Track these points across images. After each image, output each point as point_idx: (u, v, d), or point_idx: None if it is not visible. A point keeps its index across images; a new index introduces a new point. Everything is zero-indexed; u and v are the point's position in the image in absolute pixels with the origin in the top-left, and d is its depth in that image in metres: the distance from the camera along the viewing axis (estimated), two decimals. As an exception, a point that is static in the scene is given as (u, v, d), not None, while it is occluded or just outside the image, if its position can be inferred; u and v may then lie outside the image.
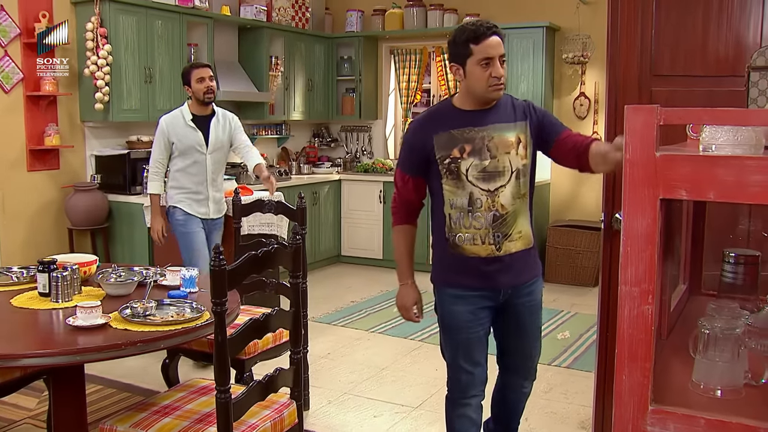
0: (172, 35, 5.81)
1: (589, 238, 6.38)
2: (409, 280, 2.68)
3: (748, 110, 1.16)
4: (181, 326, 2.56)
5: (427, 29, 7.36)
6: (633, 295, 1.17)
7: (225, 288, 2.23)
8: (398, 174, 2.66)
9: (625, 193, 1.15)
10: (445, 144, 2.51)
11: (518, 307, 2.65)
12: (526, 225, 2.57)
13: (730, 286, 1.96)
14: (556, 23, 6.77)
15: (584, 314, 5.57)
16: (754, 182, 1.10)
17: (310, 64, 7.50)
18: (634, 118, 1.13)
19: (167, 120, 4.38)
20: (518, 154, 2.50)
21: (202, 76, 4.32)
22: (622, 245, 1.18)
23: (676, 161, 1.13)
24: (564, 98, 6.93)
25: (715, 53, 2.74)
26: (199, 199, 4.39)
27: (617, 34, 2.78)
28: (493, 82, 2.44)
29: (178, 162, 4.38)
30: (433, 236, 2.67)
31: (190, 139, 4.34)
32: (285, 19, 7.16)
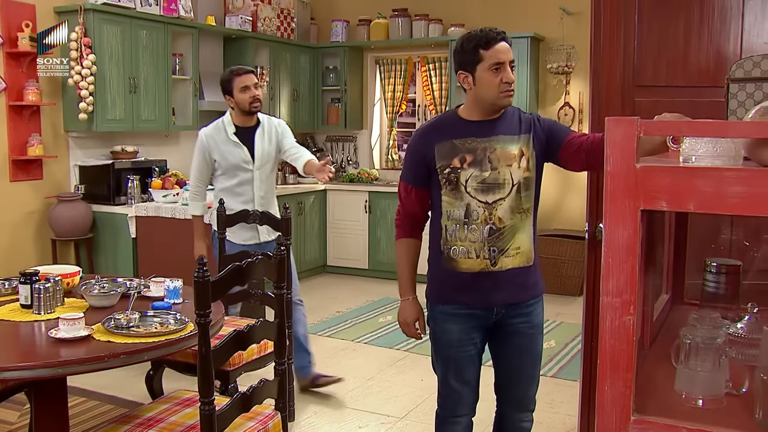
0: (156, 45, 5.80)
1: (574, 248, 6.41)
2: (411, 296, 2.61)
3: (726, 122, 1.18)
4: (164, 338, 2.54)
5: (412, 39, 7.39)
6: (614, 305, 1.18)
7: (209, 299, 2.22)
8: (401, 186, 2.61)
9: (606, 204, 1.16)
10: (446, 153, 2.46)
11: (513, 329, 2.55)
12: (526, 241, 2.49)
13: (712, 296, 1.97)
14: (540, 33, 6.82)
15: (569, 323, 5.59)
16: (732, 193, 1.11)
17: (295, 74, 7.50)
18: (614, 130, 1.14)
19: (207, 134, 3.94)
20: (520, 167, 2.44)
21: (246, 84, 3.85)
22: (603, 256, 1.18)
23: (656, 172, 1.14)
24: (549, 108, 6.98)
25: (696, 64, 2.77)
26: (245, 221, 3.90)
27: (600, 46, 2.81)
28: (504, 87, 2.39)
29: (222, 181, 3.94)
30: (429, 250, 2.60)
31: (235, 156, 3.90)
32: (270, 29, 7.17)
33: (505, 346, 2.60)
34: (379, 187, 7.24)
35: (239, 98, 3.85)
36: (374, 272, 7.16)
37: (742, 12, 2.68)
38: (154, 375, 3.56)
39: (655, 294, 1.93)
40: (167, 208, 5.19)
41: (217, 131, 3.93)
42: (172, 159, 6.28)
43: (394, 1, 7.52)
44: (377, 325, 5.54)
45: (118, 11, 5.48)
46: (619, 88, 2.72)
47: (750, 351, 1.66)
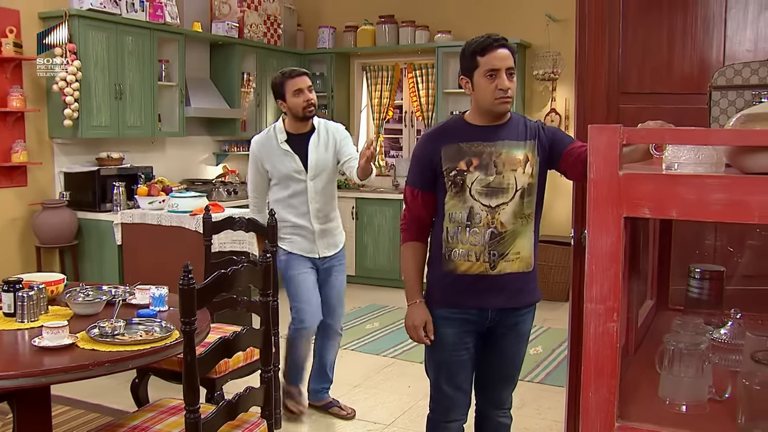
0: (142, 51, 5.78)
1: (561, 253, 6.44)
2: (418, 299, 2.60)
3: (708, 130, 1.19)
4: (149, 346, 2.53)
5: (399, 46, 7.41)
6: (598, 312, 1.18)
7: (194, 307, 2.21)
8: (407, 190, 2.61)
9: (590, 211, 1.17)
10: (452, 156, 2.48)
11: (502, 336, 2.59)
12: (526, 247, 2.51)
13: (696, 302, 1.99)
14: (526, 40, 6.86)
15: (556, 329, 5.61)
16: (714, 200, 1.13)
17: (282, 81, 7.49)
18: (597, 138, 1.15)
19: (258, 142, 3.75)
20: (525, 173, 2.47)
21: (300, 87, 3.61)
22: (587, 263, 1.19)
23: (639, 180, 1.15)
24: (535, 114, 7.01)
25: (680, 71, 2.79)
26: (303, 235, 3.72)
27: (585, 53, 2.82)
28: (499, 94, 2.42)
29: (276, 191, 3.75)
30: (430, 252, 2.62)
31: (286, 166, 3.67)
32: (257, 35, 7.17)
33: (491, 351, 2.63)
34: (366, 193, 7.24)
35: (292, 102, 3.62)
36: (361, 279, 7.15)
37: (724, 20, 2.71)
38: (139, 383, 3.54)
39: (640, 300, 1.94)
40: (153, 215, 5.17)
41: (267, 140, 3.71)
42: (158, 165, 6.25)
43: (381, 8, 7.54)
44: (364, 331, 5.53)
45: (104, 17, 5.46)
46: (604, 95, 2.74)
47: (733, 357, 1.67)
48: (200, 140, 6.95)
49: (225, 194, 6.44)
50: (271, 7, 7.39)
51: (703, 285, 1.98)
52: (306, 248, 3.70)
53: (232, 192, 6.55)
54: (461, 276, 2.49)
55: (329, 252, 3.76)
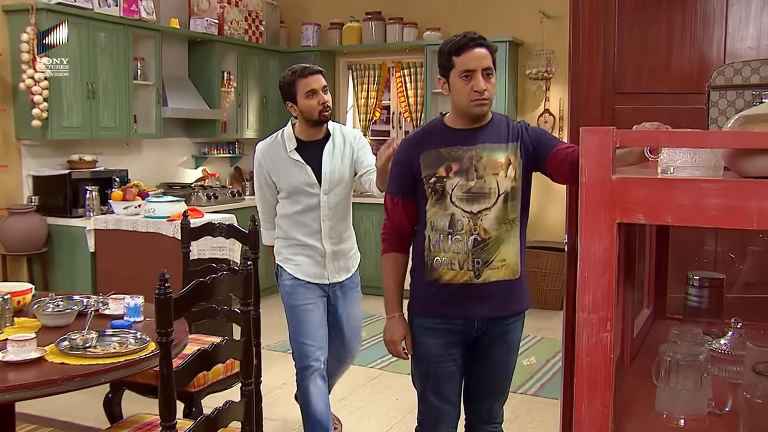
0: (117, 48, 5.75)
1: (555, 260, 6.46)
2: (397, 313, 2.62)
3: (705, 132, 1.20)
4: (124, 358, 2.52)
5: (386, 44, 7.42)
6: (591, 322, 1.19)
7: (171, 317, 2.21)
8: (387, 198, 2.62)
9: (582, 217, 1.18)
10: (432, 162, 2.49)
11: (490, 345, 2.59)
12: (512, 254, 2.51)
13: (695, 310, 2.00)
14: (519, 38, 6.89)
15: (551, 339, 5.62)
16: (711, 205, 1.13)
17: (264, 80, 7.49)
18: (589, 140, 1.15)
19: (264, 151, 3.41)
20: (507, 176, 2.47)
21: (314, 87, 3.27)
22: (579, 271, 1.19)
23: (632, 184, 1.15)
24: (528, 115, 7.04)
25: (679, 70, 2.81)
26: (312, 256, 3.39)
27: (579, 51, 2.83)
28: (474, 96, 2.42)
29: (285, 206, 3.41)
30: (412, 261, 2.63)
31: (297, 178, 3.33)
32: (237, 32, 7.16)
33: (478, 362, 2.64)
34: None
35: (305, 105, 3.26)
36: (347, 287, 7.15)
37: (725, 16, 2.72)
38: (112, 398, 3.52)
39: (636, 309, 1.95)
40: (128, 221, 5.14)
41: (274, 148, 3.38)
42: (133, 169, 6.22)
43: (368, 5, 7.55)
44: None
45: (74, 11, 5.40)
46: (599, 96, 2.75)
47: (733, 368, 1.68)
48: (178, 142, 6.93)
49: (204, 199, 6.43)
50: (252, 2, 7.39)
51: (702, 293, 1.99)
52: (314, 273, 3.38)
53: (212, 196, 6.53)
54: (445, 285, 2.50)
55: (341, 277, 3.44)
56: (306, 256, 3.38)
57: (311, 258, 3.38)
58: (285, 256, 3.41)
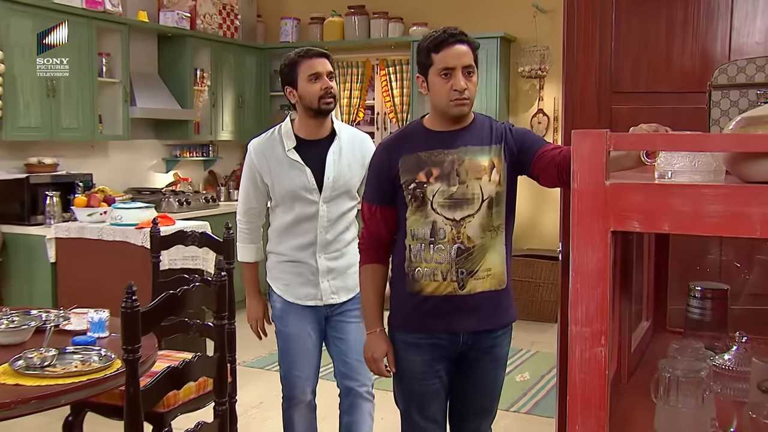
0: (79, 43, 5.71)
1: (550, 269, 6.48)
2: (378, 328, 2.61)
3: (704, 135, 1.21)
4: (86, 378, 2.50)
5: (370, 40, 7.44)
6: (584, 336, 1.19)
7: (138, 332, 2.20)
8: (365, 206, 2.63)
9: (574, 225, 1.18)
10: (411, 167, 2.49)
11: (476, 361, 2.60)
12: (498, 263, 2.52)
13: (697, 323, 2.01)
14: (511, 33, 6.93)
15: (545, 353, 5.64)
16: (711, 212, 1.14)
17: (240, 78, 7.49)
18: (581, 144, 1.16)
19: (257, 148, 3.18)
20: (491, 181, 2.48)
21: (318, 71, 3.04)
22: (570, 282, 1.20)
23: (627, 190, 1.16)
24: (521, 115, 7.07)
25: (680, 67, 2.82)
26: (302, 274, 3.17)
27: (574, 47, 2.85)
28: (453, 95, 2.42)
29: (277, 215, 3.20)
30: (392, 272, 2.63)
31: (294, 181, 3.10)
32: (211, 27, 7.15)
33: (463, 378, 2.63)
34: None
35: (306, 90, 3.04)
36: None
37: (730, 9, 2.72)
38: (74, 421, 3.49)
39: (634, 321, 1.96)
40: (93, 229, 5.11)
41: (270, 145, 3.15)
42: (98, 173, 6.19)
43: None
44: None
45: (30, 1, 5.33)
46: (595, 95, 2.77)
47: (738, 385, 1.68)
48: (147, 144, 6.90)
49: (176, 205, 6.41)
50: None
51: (704, 305, 1.99)
52: (306, 294, 3.16)
53: (184, 202, 6.51)
54: (427, 298, 2.50)
55: (339, 297, 3.17)
56: (295, 274, 3.17)
57: (301, 276, 3.15)
58: (274, 274, 3.24)
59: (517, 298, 6.42)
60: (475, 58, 2.48)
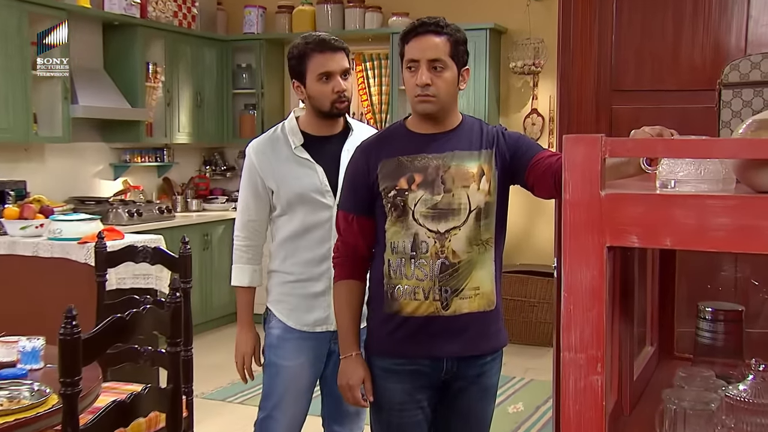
0: (5, 31, 5.62)
1: (545, 287, 6.51)
2: (354, 352, 2.59)
3: (711, 140, 1.21)
4: (13, 417, 2.45)
5: (344, 31, 7.45)
6: (578, 363, 1.20)
7: (79, 363, 2.18)
8: (339, 216, 2.63)
9: (565, 239, 1.19)
10: (391, 173, 2.50)
11: (462, 390, 2.60)
12: (486, 281, 2.53)
13: (708, 349, 2.01)
14: (502, 24, 6.97)
15: (541, 381, 5.65)
16: (718, 226, 1.15)
17: (198, 74, 7.47)
18: (573, 150, 1.17)
19: (259, 149, 3.07)
20: (480, 190, 2.48)
21: (330, 69, 2.95)
22: (563, 303, 1.21)
23: (625, 201, 1.17)
24: (512, 116, 7.11)
25: (689, 62, 2.84)
26: (312, 295, 3.03)
27: (569, 40, 2.88)
28: (417, 91, 2.45)
29: (283, 226, 3.08)
30: (370, 290, 2.63)
31: (303, 182, 3.00)
32: (165, 15, 7.13)
33: (448, 409, 2.63)
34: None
35: (316, 90, 2.96)
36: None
37: (748, -5, 2.75)
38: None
39: (637, 346, 1.97)
40: (27, 244, 5.06)
41: (273, 144, 3.06)
42: (33, 180, 6.13)
43: (322, -17, 7.60)
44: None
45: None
46: (593, 94, 2.79)
47: (755, 419, 1.68)
48: (92, 148, 6.85)
49: (125, 216, 6.37)
50: (183, -20, 7.39)
51: (716, 328, 2.00)
52: (314, 319, 3.03)
53: (135, 214, 6.47)
54: (407, 319, 2.50)
55: None
56: (303, 296, 3.02)
57: (311, 298, 3.02)
58: (277, 297, 3.09)
59: (509, 319, 6.44)
60: (456, 52, 2.49)
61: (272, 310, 3.08)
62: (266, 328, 3.09)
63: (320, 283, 2.99)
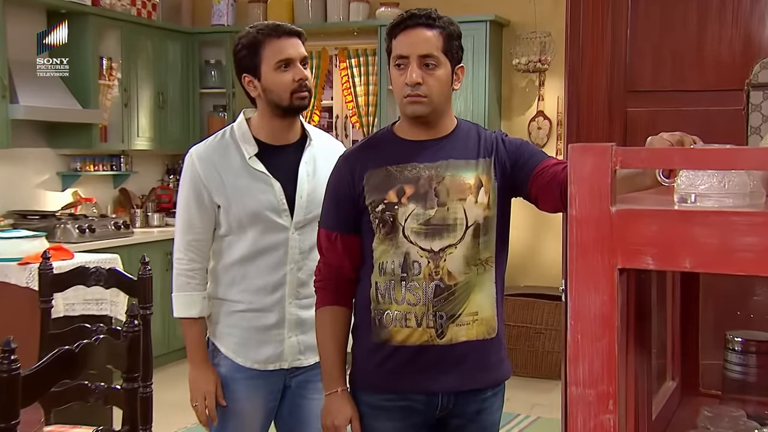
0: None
1: (553, 312, 6.51)
2: (340, 387, 2.59)
3: (734, 150, 1.21)
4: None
5: (326, 24, 7.49)
6: (587, 400, 1.20)
7: (17, 404, 2.17)
8: (321, 234, 2.63)
9: (572, 261, 1.19)
10: (378, 185, 2.51)
11: (463, 430, 2.60)
12: (486, 305, 2.54)
13: (738, 384, 2.00)
14: (504, 16, 7.00)
15: (549, 419, 5.64)
16: (744, 246, 1.14)
17: (160, 70, 7.48)
18: (580, 161, 1.17)
19: (204, 155, 3.01)
20: (478, 203, 2.50)
21: (289, 56, 2.91)
22: (569, 331, 1.21)
23: (638, 218, 1.17)
24: (516, 119, 7.13)
25: (715, 59, 2.85)
26: (263, 328, 3.00)
27: (579, 35, 2.89)
28: (406, 91, 2.46)
29: (229, 248, 3.01)
30: (355, 316, 2.64)
31: (257, 198, 2.96)
32: (121, 3, 7.12)
33: None
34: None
35: (273, 81, 2.91)
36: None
37: (783, -16, 2.76)
38: None
39: (656, 381, 1.97)
40: (-39, 266, 5.06)
41: (222, 152, 3.00)
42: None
43: (301, -31, 7.61)
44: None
45: None
46: (605, 94, 2.80)
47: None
48: (35, 154, 6.81)
49: (75, 233, 6.35)
50: (143, -35, 7.39)
51: (747, 360, 1.99)
52: (267, 356, 3.00)
53: (87, 230, 6.45)
54: (398, 348, 2.50)
55: (307, 359, 3.03)
56: (254, 329, 2.99)
57: (262, 331, 2.99)
58: (222, 329, 3.03)
59: (512, 348, 6.45)
60: (449, 47, 2.50)
61: (217, 346, 3.02)
62: (213, 364, 3.03)
63: (273, 314, 2.96)
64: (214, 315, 3.05)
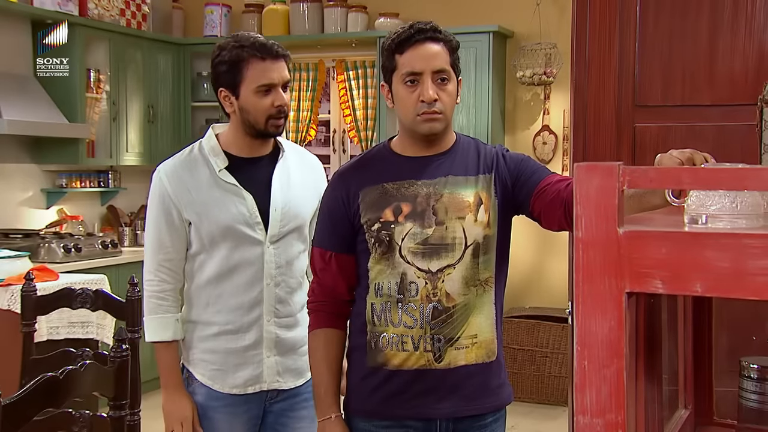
0: None
1: (559, 334, 6.50)
2: (333, 414, 2.59)
3: (745, 169, 1.20)
4: None
5: (323, 35, 7.50)
6: (595, 429, 1.20)
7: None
8: (315, 253, 2.64)
9: (578, 284, 1.19)
10: (375, 203, 2.52)
11: None
12: (486, 327, 2.54)
13: (755, 413, 2.00)
14: (507, 27, 7.01)
15: (557, 450, 5.64)
16: (757, 269, 1.15)
17: (150, 83, 7.48)
18: (586, 181, 1.17)
19: (172, 171, 3.02)
20: (477, 221, 2.50)
21: (272, 81, 2.92)
22: (576, 358, 1.21)
23: (647, 240, 1.17)
24: (520, 134, 7.14)
25: (727, 73, 2.85)
26: (239, 350, 2.99)
27: (585, 46, 2.90)
28: (421, 108, 2.46)
29: (202, 266, 3.02)
30: (350, 339, 2.64)
31: (229, 211, 2.95)
32: (110, 13, 7.13)
33: None
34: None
35: (251, 104, 2.92)
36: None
37: (800, -7, 2.76)
38: None
39: (668, 409, 1.97)
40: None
41: (190, 167, 3.00)
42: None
43: (297, -22, 7.63)
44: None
45: None
46: (613, 110, 2.81)
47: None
48: (19, 170, 6.81)
49: (60, 252, 6.34)
50: (132, -27, 7.41)
51: (764, 388, 1.99)
52: (245, 379, 2.99)
53: (72, 249, 6.44)
54: (394, 373, 2.51)
55: (287, 383, 3.02)
56: (230, 352, 2.98)
57: (239, 354, 2.98)
58: (197, 354, 3.02)
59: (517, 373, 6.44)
60: (454, 60, 2.52)
61: (192, 372, 3.02)
62: (189, 391, 3.02)
63: (250, 334, 2.96)
64: (188, 340, 3.05)
